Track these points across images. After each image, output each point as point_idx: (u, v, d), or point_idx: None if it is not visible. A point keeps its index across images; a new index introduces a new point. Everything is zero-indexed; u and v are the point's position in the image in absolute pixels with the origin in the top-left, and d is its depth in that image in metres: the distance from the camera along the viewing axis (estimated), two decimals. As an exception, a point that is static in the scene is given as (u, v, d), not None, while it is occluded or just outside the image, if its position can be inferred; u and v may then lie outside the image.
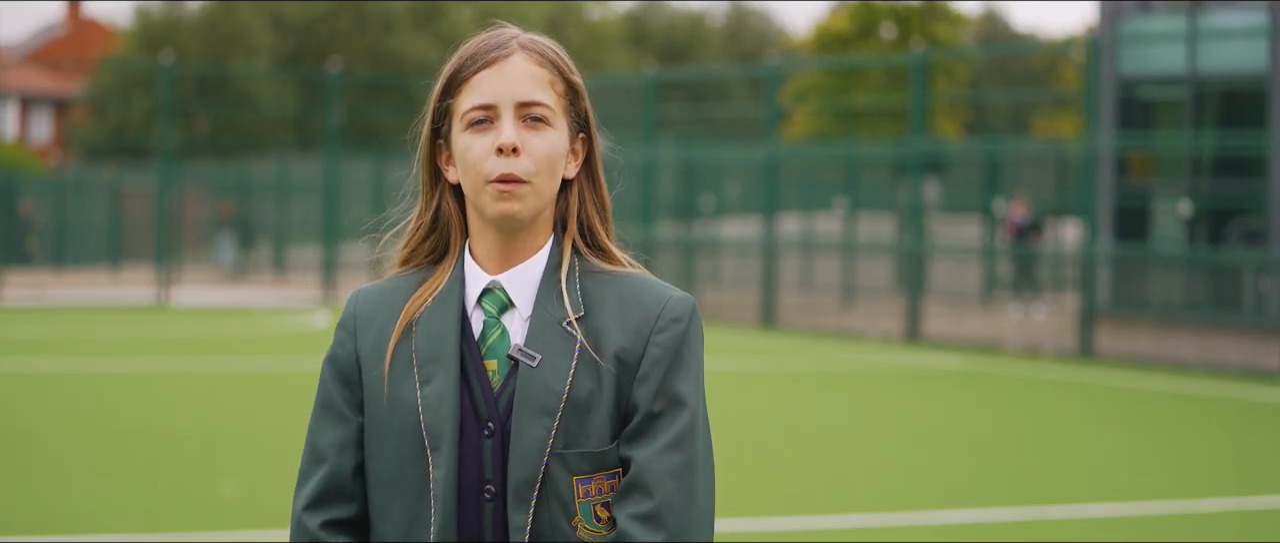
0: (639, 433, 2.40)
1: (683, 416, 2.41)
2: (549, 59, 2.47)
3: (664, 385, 2.41)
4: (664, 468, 2.38)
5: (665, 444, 2.39)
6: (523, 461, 2.38)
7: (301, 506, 2.50)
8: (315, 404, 2.54)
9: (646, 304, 2.45)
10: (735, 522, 8.66)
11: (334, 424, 2.50)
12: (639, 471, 2.38)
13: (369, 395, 2.48)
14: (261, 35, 57.65)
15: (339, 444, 2.49)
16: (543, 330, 2.42)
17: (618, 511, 2.38)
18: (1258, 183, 22.36)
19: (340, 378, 2.51)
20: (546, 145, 2.43)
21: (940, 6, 42.21)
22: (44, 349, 18.07)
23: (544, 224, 2.48)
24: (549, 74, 2.46)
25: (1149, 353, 19.46)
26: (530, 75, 2.44)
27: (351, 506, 2.49)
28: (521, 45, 2.47)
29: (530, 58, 2.46)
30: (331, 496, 2.49)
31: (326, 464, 2.49)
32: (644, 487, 2.37)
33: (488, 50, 2.46)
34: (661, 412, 2.40)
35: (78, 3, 71.99)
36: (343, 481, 2.48)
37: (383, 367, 2.46)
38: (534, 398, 2.39)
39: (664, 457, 2.38)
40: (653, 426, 2.40)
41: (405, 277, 2.53)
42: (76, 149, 59.49)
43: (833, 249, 27.96)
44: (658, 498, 2.37)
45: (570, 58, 2.52)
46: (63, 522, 8.40)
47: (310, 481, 2.50)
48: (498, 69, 2.44)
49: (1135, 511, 9.53)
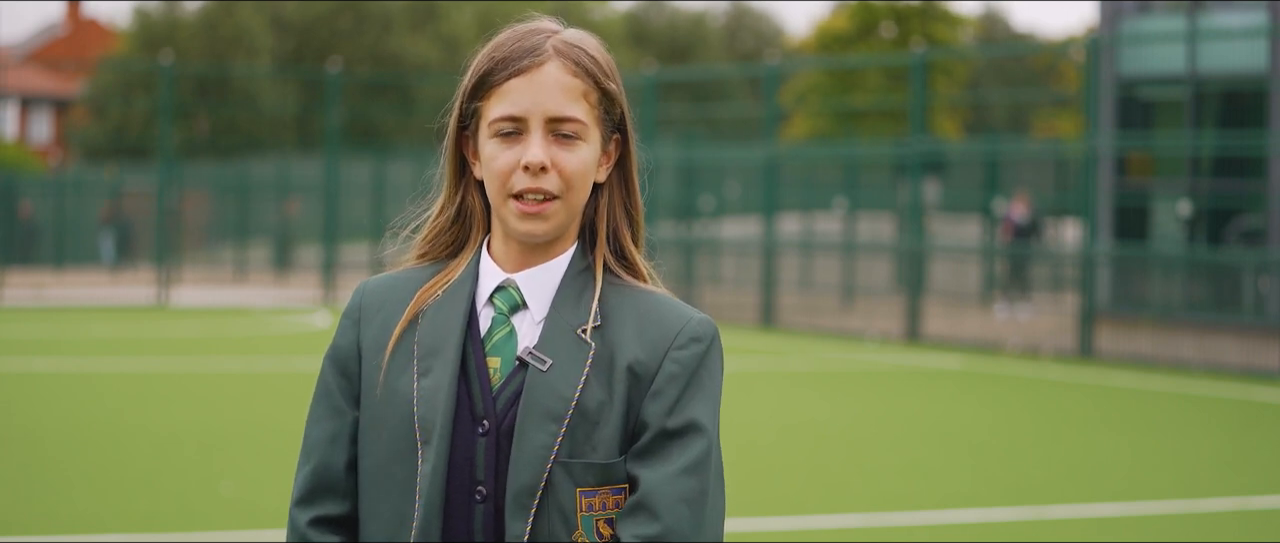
0: (649, 453, 2.33)
1: (699, 442, 2.33)
2: (584, 67, 2.36)
3: (679, 406, 2.33)
4: (675, 493, 2.30)
5: (679, 469, 2.31)
6: (525, 466, 2.30)
7: (293, 501, 2.43)
8: (313, 395, 2.46)
9: (667, 321, 2.38)
10: (735, 522, 8.66)
11: (328, 416, 2.42)
12: (648, 492, 2.30)
13: (366, 387, 2.40)
14: (261, 35, 57.64)
15: (330, 437, 2.41)
16: (556, 336, 2.34)
17: (622, 529, 2.31)
18: (1258, 183, 22.36)
19: (339, 369, 2.43)
20: (577, 162, 2.34)
21: (940, 7, 42.20)
22: (44, 349, 18.06)
23: (570, 228, 2.40)
24: (583, 84, 2.36)
25: (1149, 353, 19.46)
26: (563, 87, 2.34)
27: (343, 502, 2.40)
28: (556, 49, 2.36)
29: (564, 67, 2.35)
30: (321, 491, 2.41)
31: (317, 458, 2.41)
32: (652, 509, 2.29)
33: (521, 55, 2.35)
34: (676, 434, 2.32)
35: (78, 2, 71.99)
36: (333, 476, 2.40)
37: (383, 357, 2.38)
38: (541, 402, 2.30)
39: (676, 482, 2.31)
40: (666, 447, 2.32)
41: (418, 269, 2.45)
42: (76, 149, 59.49)
43: (833, 249, 27.95)
44: (666, 522, 2.29)
45: (608, 56, 2.42)
46: (63, 522, 8.40)
47: (301, 475, 2.43)
48: (530, 78, 2.34)
49: (1135, 511, 9.53)
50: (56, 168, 48.39)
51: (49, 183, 41.65)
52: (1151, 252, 22.21)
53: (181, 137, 45.87)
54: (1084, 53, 21.46)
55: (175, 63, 31.51)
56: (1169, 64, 23.66)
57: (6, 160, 48.70)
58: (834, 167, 31.12)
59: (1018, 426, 13.64)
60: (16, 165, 47.58)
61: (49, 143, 65.39)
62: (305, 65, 55.57)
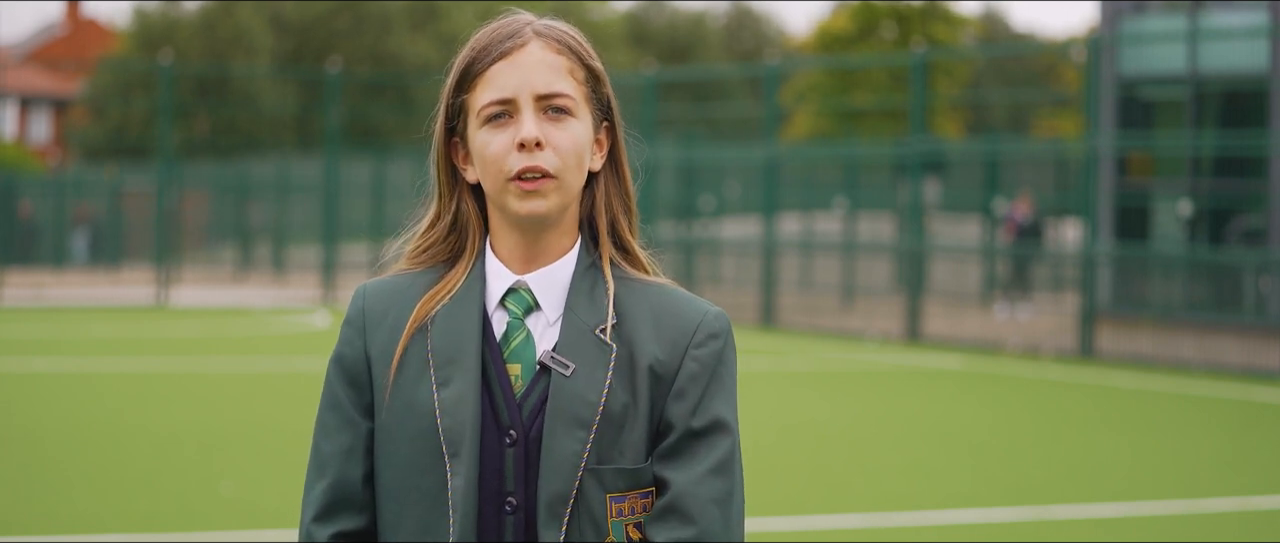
0: (677, 453, 2.30)
1: (725, 441, 2.30)
2: (567, 45, 2.35)
3: (703, 405, 2.30)
4: (706, 495, 2.28)
5: (707, 470, 2.29)
6: (556, 474, 2.26)
7: (309, 517, 2.35)
8: (321, 407, 2.39)
9: (683, 317, 2.34)
10: (735, 522, 8.64)
11: (340, 429, 2.35)
12: (680, 495, 2.28)
13: (380, 398, 2.33)
14: (261, 35, 57.64)
15: (345, 451, 2.34)
16: (575, 338, 2.30)
17: (654, 533, 2.28)
18: (1258, 183, 22.36)
19: (347, 379, 2.36)
20: (571, 136, 2.30)
21: (940, 7, 42.20)
22: (44, 349, 18.06)
23: (570, 223, 2.35)
24: (568, 61, 2.33)
25: (1149, 353, 19.46)
26: (549, 64, 2.31)
27: (361, 516, 2.34)
28: (537, 32, 2.34)
29: (547, 45, 2.33)
30: (340, 506, 2.34)
31: (333, 473, 2.35)
32: (685, 512, 2.27)
33: (501, 40, 2.32)
34: (702, 433, 2.30)
35: (77, 2, 71.98)
36: (351, 490, 2.34)
37: (392, 366, 2.32)
38: (567, 409, 2.26)
39: (706, 483, 2.28)
40: (692, 448, 2.30)
41: (415, 274, 2.39)
42: (76, 149, 59.47)
43: (833, 249, 27.95)
44: (700, 525, 2.27)
45: (588, 41, 2.40)
46: (63, 522, 8.40)
47: (316, 490, 2.36)
48: (513, 60, 2.31)
49: (1135, 511, 9.53)
50: (56, 168, 48.37)
51: (48, 183, 41.65)
52: (1152, 252, 22.20)
53: (181, 136, 45.85)
54: (1084, 53, 21.46)
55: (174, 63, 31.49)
56: (1169, 64, 23.65)
57: (6, 160, 48.69)
58: (834, 166, 31.11)
59: (1018, 426, 13.64)
60: (16, 165, 47.57)
61: (48, 143, 65.38)
62: (305, 65, 55.57)
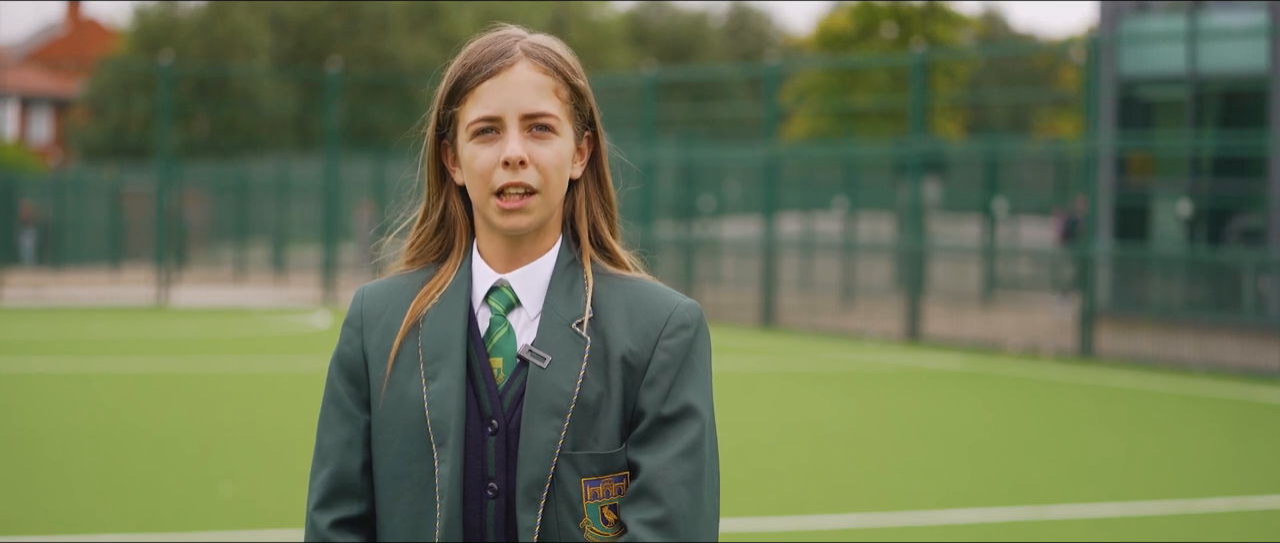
0: (648, 439, 2.44)
1: (694, 426, 2.44)
2: (553, 65, 2.49)
3: (673, 393, 2.44)
4: (675, 477, 2.42)
5: (676, 453, 2.42)
6: (532, 461, 2.40)
7: (312, 505, 2.53)
8: (323, 402, 2.56)
9: (655, 309, 2.48)
10: (735, 522, 8.65)
11: (340, 422, 2.52)
12: (649, 477, 2.42)
13: (376, 393, 2.50)
14: (260, 35, 57.63)
15: (345, 442, 2.51)
16: (552, 331, 2.45)
17: (627, 515, 2.42)
18: (1258, 183, 22.36)
19: (347, 375, 2.53)
20: (553, 155, 2.46)
21: (941, 7, 42.19)
22: (43, 349, 18.06)
23: (552, 225, 2.51)
24: (553, 81, 2.48)
25: (1149, 353, 19.46)
26: (535, 85, 2.46)
27: (360, 504, 2.51)
28: (525, 51, 2.48)
29: (534, 66, 2.47)
30: (340, 494, 2.51)
31: (333, 463, 2.51)
32: (654, 494, 2.41)
33: (491, 58, 2.47)
34: (672, 419, 2.44)
35: (77, 2, 71.97)
36: (350, 479, 2.51)
37: (388, 362, 2.48)
38: (543, 398, 2.41)
39: (675, 466, 2.42)
40: (663, 433, 2.44)
41: (410, 275, 2.55)
42: (76, 149, 59.47)
43: (833, 249, 27.95)
44: (668, 505, 2.41)
45: (574, 57, 2.54)
46: (63, 522, 8.40)
47: (318, 479, 2.53)
48: (502, 79, 2.45)
49: (1135, 511, 9.53)
50: (56, 168, 48.37)
51: (49, 183, 41.65)
52: (1152, 252, 22.21)
53: (181, 137, 45.86)
54: (1084, 53, 21.46)
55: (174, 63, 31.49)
56: (1169, 64, 23.65)
57: (6, 160, 48.69)
58: (834, 166, 31.11)
59: (1018, 426, 13.64)
60: (16, 165, 47.56)
61: (48, 143, 65.39)
62: (304, 65, 55.57)
